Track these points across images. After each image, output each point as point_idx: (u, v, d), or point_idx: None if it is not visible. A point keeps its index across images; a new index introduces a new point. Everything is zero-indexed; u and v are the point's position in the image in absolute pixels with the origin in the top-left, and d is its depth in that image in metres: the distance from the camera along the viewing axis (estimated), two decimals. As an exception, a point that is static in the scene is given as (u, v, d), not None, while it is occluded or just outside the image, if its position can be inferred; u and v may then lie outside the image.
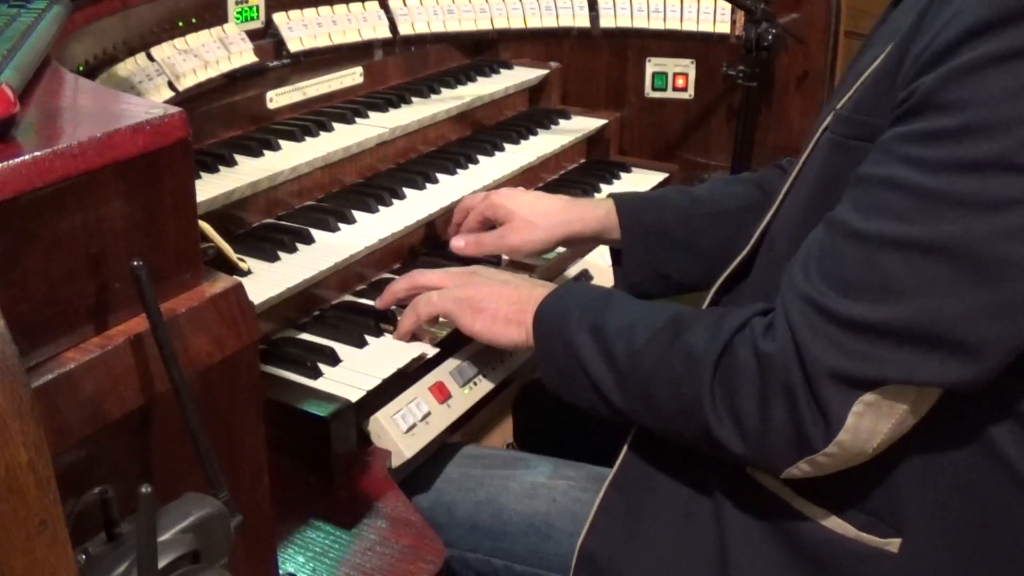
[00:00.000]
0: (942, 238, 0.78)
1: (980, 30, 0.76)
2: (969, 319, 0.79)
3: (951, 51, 0.78)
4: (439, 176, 1.53)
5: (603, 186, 1.76)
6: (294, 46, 1.61)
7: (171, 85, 1.35)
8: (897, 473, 0.90)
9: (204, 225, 1.08)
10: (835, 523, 0.93)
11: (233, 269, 1.16)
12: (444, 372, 1.19)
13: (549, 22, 1.90)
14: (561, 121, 1.88)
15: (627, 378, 0.98)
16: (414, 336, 1.20)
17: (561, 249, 1.44)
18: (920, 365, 0.81)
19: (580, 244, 1.42)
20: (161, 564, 0.62)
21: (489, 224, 1.38)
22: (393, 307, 1.25)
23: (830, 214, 0.87)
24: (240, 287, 0.76)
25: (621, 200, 1.35)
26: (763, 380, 0.87)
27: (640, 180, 1.83)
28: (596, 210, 1.34)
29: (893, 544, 0.91)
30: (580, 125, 1.88)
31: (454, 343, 1.22)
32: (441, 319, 1.19)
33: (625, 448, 1.05)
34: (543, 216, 1.33)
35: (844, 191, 0.87)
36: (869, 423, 0.84)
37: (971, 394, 0.84)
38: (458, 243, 1.36)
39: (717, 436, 0.90)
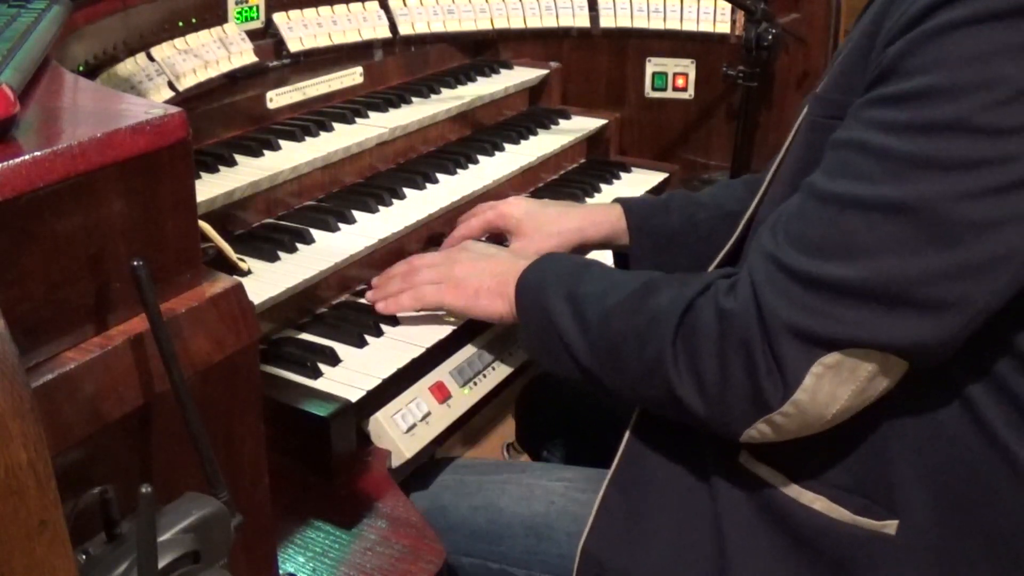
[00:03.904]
0: (904, 198, 0.79)
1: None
2: (929, 279, 0.79)
3: (918, 19, 0.79)
4: (439, 176, 1.53)
5: (603, 186, 1.76)
6: (294, 46, 1.61)
7: (171, 85, 1.35)
8: (888, 453, 0.91)
9: (204, 225, 1.08)
10: (831, 508, 0.93)
11: (233, 269, 1.16)
12: (444, 372, 1.19)
13: (549, 22, 1.91)
14: (561, 121, 1.88)
15: (597, 340, 0.99)
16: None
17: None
18: (879, 325, 0.81)
19: (589, 250, 1.43)
20: (161, 564, 0.62)
21: (496, 233, 1.39)
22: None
23: (804, 180, 0.89)
24: (240, 287, 0.76)
25: (628, 205, 1.36)
26: (722, 337, 0.88)
27: (640, 180, 1.83)
28: (605, 216, 1.35)
29: (890, 527, 0.91)
30: (580, 125, 1.88)
31: (454, 343, 1.23)
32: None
33: (623, 445, 1.06)
34: (554, 227, 1.34)
35: None
36: (829, 386, 0.84)
37: (937, 364, 0.84)
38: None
39: (679, 395, 0.91)
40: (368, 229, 1.34)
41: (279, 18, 1.60)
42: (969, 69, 0.76)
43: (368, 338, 1.20)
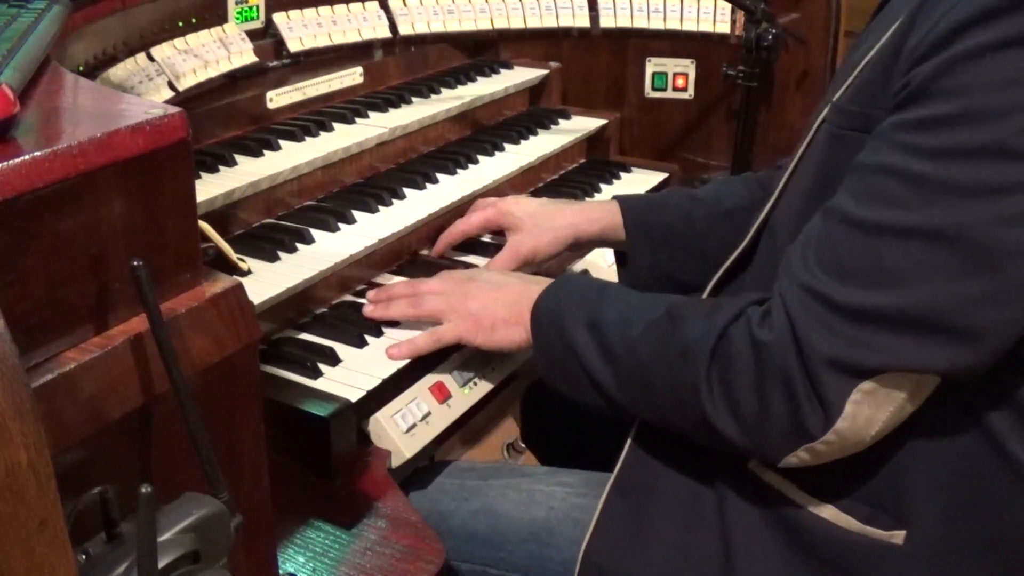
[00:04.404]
0: (938, 225, 0.78)
1: (977, 19, 0.77)
2: (966, 305, 0.79)
3: (948, 40, 0.78)
4: (439, 176, 1.53)
5: (603, 186, 1.76)
6: (294, 46, 1.61)
7: (171, 85, 1.35)
8: (899, 464, 0.91)
9: (204, 225, 1.08)
10: (839, 517, 0.93)
11: (233, 269, 1.16)
12: (444, 372, 1.19)
13: (549, 22, 1.90)
14: (561, 121, 1.88)
15: (624, 371, 0.99)
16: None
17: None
18: (918, 352, 0.81)
19: (587, 247, 1.43)
20: (161, 564, 0.62)
21: (497, 231, 1.40)
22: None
23: (828, 203, 0.88)
24: (240, 287, 0.76)
25: (626, 202, 1.36)
26: (760, 369, 0.87)
27: (640, 180, 1.83)
28: (602, 212, 1.35)
29: (897, 536, 0.91)
30: (580, 125, 1.88)
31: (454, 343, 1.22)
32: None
33: (625, 450, 1.05)
34: (550, 223, 1.34)
35: (842, 181, 0.87)
36: (868, 411, 0.84)
37: (970, 383, 0.84)
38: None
39: (715, 426, 0.90)
40: (368, 229, 1.34)
41: (279, 18, 1.60)
42: (1003, 93, 0.76)
43: (368, 338, 1.20)
